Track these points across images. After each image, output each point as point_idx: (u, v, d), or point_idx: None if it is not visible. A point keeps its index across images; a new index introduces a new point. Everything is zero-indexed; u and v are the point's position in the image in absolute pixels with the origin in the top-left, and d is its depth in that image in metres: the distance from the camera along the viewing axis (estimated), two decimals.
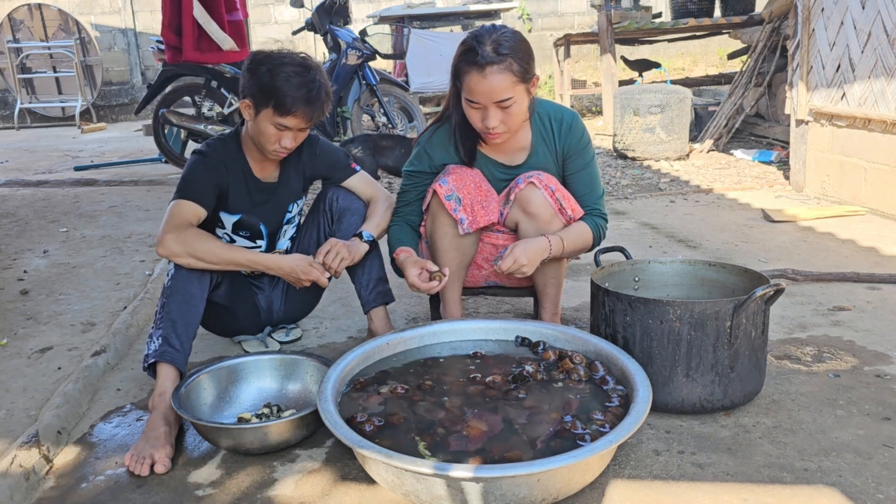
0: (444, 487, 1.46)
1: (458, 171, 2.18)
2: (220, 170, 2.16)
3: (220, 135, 2.25)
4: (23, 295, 3.02)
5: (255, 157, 2.22)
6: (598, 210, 2.25)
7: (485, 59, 1.96)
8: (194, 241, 2.05)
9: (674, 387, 1.88)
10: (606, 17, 7.25)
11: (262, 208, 2.27)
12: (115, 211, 4.59)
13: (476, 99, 2.01)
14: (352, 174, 2.37)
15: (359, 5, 10.43)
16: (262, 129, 2.07)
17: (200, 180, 2.12)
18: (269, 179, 2.27)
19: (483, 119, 2.04)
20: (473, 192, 2.16)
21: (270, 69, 2.01)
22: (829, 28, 4.15)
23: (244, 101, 2.07)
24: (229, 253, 2.11)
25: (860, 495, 1.56)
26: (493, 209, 2.19)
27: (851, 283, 2.90)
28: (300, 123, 2.07)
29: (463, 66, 2.02)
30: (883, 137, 3.84)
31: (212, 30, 5.16)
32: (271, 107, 2.02)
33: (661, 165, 5.63)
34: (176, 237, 2.03)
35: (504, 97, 1.99)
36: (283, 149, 2.12)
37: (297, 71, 2.02)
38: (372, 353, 2.00)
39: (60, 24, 10.36)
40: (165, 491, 1.68)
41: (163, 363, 1.98)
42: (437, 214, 2.20)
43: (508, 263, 2.04)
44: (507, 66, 1.97)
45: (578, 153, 2.24)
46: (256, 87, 2.03)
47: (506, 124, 2.05)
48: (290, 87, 2.00)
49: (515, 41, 2.00)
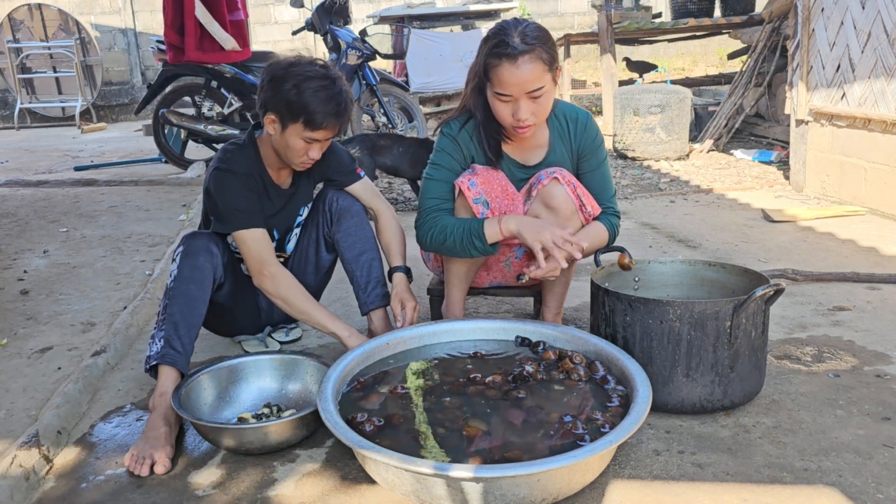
0: (444, 487, 1.46)
1: (485, 173, 2.16)
2: (251, 183, 2.16)
3: (232, 143, 2.21)
4: (23, 295, 3.02)
5: (273, 166, 2.22)
6: (612, 208, 2.27)
7: (517, 50, 1.95)
8: (287, 287, 2.14)
9: (674, 387, 1.88)
10: (606, 17, 7.25)
11: (277, 214, 2.28)
12: (115, 211, 4.59)
13: (508, 91, 1.99)
14: (356, 180, 2.38)
15: (359, 5, 10.43)
16: (291, 143, 2.07)
17: (247, 202, 2.12)
18: (285, 186, 2.29)
19: (514, 112, 2.02)
20: (500, 195, 2.15)
21: (296, 85, 2.00)
22: (829, 28, 4.15)
23: (269, 116, 2.07)
24: (310, 309, 2.15)
25: (860, 495, 1.56)
26: (518, 213, 2.18)
27: (851, 283, 2.90)
28: (329, 135, 2.09)
29: (493, 59, 1.99)
30: (883, 137, 3.84)
31: (214, 30, 5.16)
32: (301, 122, 2.02)
33: (661, 165, 5.63)
34: (273, 277, 2.12)
35: (536, 86, 1.98)
36: (310, 160, 2.13)
37: (323, 85, 2.02)
38: (372, 353, 2.00)
39: (60, 24, 10.36)
40: (165, 491, 1.68)
41: (164, 365, 1.98)
42: (458, 213, 2.18)
43: (543, 271, 2.00)
44: (538, 55, 1.97)
45: (593, 152, 2.25)
46: (283, 103, 2.02)
47: (536, 116, 2.04)
48: (319, 103, 2.00)
49: (540, 30, 2.02)
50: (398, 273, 2.33)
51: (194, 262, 2.07)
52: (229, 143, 2.23)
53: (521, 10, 11.02)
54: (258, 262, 2.12)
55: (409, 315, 2.25)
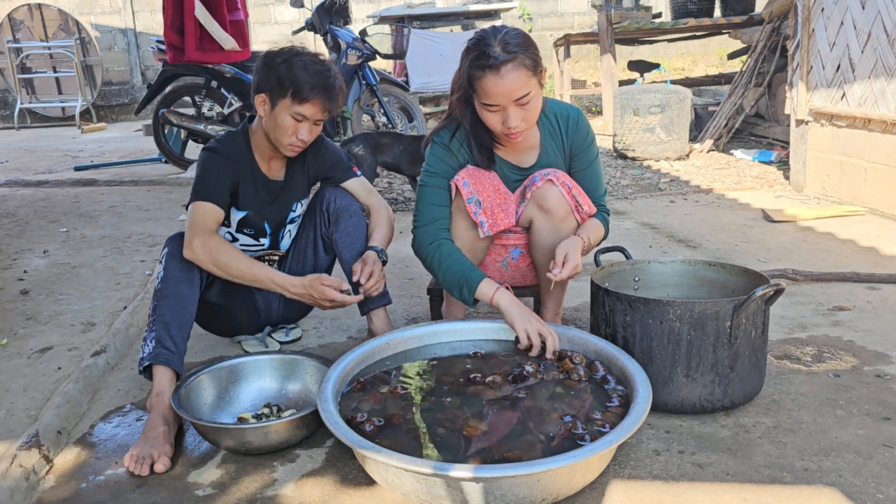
0: (444, 487, 1.46)
1: (476, 173, 2.16)
2: (231, 166, 2.17)
3: (227, 131, 2.25)
4: (23, 295, 3.02)
5: (263, 156, 2.23)
6: (604, 206, 2.30)
7: (499, 60, 1.94)
8: (220, 251, 2.07)
9: (674, 387, 1.88)
10: (606, 17, 7.25)
11: (268, 207, 2.28)
12: (115, 211, 4.60)
13: (495, 101, 1.98)
14: (351, 177, 2.38)
15: (359, 5, 10.43)
16: (280, 121, 2.09)
17: (215, 180, 2.14)
18: (276, 178, 2.28)
19: (504, 121, 2.01)
20: (493, 195, 2.16)
21: (286, 60, 2.06)
22: (829, 28, 4.15)
23: (259, 96, 2.10)
24: (251, 269, 2.10)
25: (860, 495, 1.56)
26: (511, 212, 2.19)
27: (851, 283, 2.90)
28: (317, 113, 2.09)
29: (476, 71, 1.98)
30: (883, 137, 3.84)
31: (213, 30, 5.15)
32: (289, 96, 2.05)
33: (661, 165, 5.63)
34: (203, 244, 2.05)
35: (522, 94, 1.97)
36: (299, 141, 2.13)
37: (312, 60, 2.08)
38: (372, 353, 2.00)
39: (60, 24, 10.35)
40: (165, 491, 1.68)
41: (158, 365, 1.98)
42: (456, 216, 2.18)
43: (569, 271, 2.02)
44: (521, 62, 1.96)
45: (584, 150, 2.26)
46: (274, 78, 2.06)
47: (526, 121, 2.04)
48: (307, 75, 2.05)
49: (520, 36, 2.00)
50: (371, 250, 2.26)
51: (180, 261, 2.08)
52: (225, 132, 2.26)
53: (520, 10, 11.03)
54: (192, 231, 2.06)
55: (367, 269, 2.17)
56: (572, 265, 2.02)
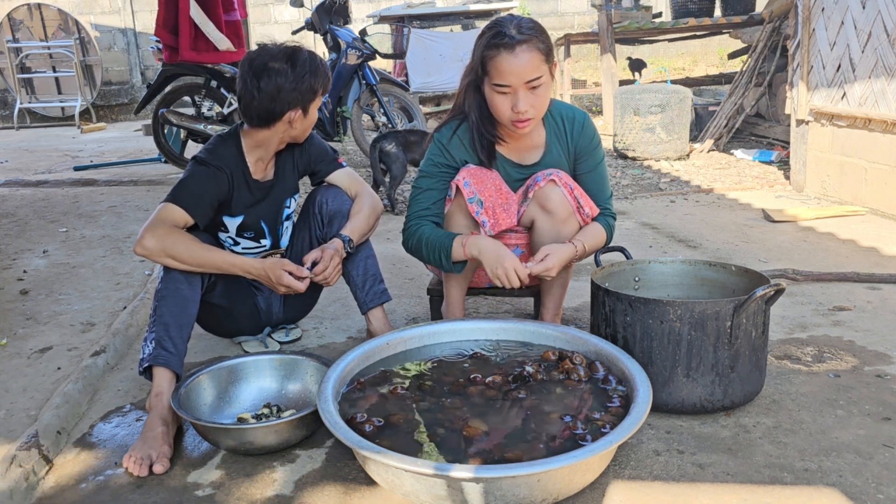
0: (444, 488, 1.46)
1: (478, 172, 2.16)
2: (221, 177, 2.16)
3: (219, 136, 2.25)
4: (23, 295, 3.02)
5: (254, 158, 2.23)
6: (609, 210, 2.29)
7: (514, 39, 1.98)
8: (172, 240, 2.01)
9: (674, 387, 1.87)
10: (606, 16, 7.25)
11: (260, 205, 2.29)
12: (115, 211, 4.59)
13: (507, 81, 2.00)
14: (337, 168, 2.39)
15: (359, 5, 10.43)
16: (311, 120, 2.20)
17: (195, 189, 2.12)
18: (266, 178, 2.29)
19: (513, 105, 2.02)
20: (494, 194, 2.16)
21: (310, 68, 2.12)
22: (829, 28, 4.15)
23: (294, 111, 2.13)
24: (206, 254, 2.06)
25: (860, 495, 1.56)
26: (512, 212, 2.19)
27: (852, 283, 2.90)
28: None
29: (490, 51, 2.01)
30: (883, 137, 3.84)
31: (209, 30, 5.14)
32: (319, 94, 2.17)
33: (661, 165, 5.63)
34: (154, 234, 2.00)
35: (535, 76, 1.99)
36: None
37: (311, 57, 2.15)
38: (372, 353, 2.00)
39: (60, 24, 10.35)
40: (165, 491, 1.68)
41: (157, 366, 1.98)
42: (456, 215, 2.19)
43: (539, 269, 2.05)
44: (535, 45, 1.99)
45: (590, 153, 2.25)
46: (307, 88, 2.12)
47: (535, 108, 2.04)
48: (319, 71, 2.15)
49: (535, 24, 2.05)
50: (338, 238, 2.23)
51: None
52: (217, 134, 2.26)
53: (521, 10, 11.02)
54: (148, 226, 2.01)
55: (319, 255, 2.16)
56: (544, 266, 2.05)
